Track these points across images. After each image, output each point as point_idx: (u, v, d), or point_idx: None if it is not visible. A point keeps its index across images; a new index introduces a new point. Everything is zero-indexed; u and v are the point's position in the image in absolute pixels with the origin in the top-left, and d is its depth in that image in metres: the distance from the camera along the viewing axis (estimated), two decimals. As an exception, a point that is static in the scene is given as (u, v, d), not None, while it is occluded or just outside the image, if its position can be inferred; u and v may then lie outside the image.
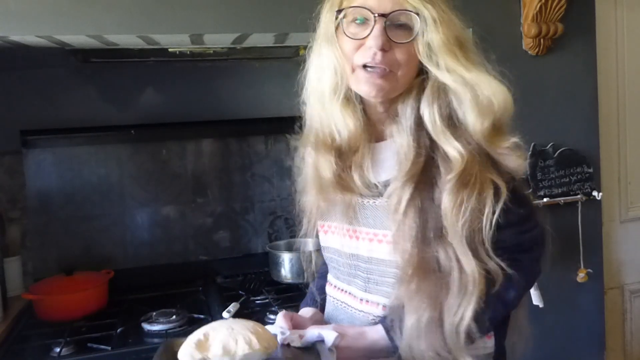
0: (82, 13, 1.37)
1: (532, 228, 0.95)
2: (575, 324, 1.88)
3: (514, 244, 0.91)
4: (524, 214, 0.93)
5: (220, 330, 0.88)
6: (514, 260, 0.90)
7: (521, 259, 0.93)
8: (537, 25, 1.71)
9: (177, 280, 1.94)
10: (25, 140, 1.83)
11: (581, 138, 1.85)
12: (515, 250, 0.91)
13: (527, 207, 0.95)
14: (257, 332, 0.87)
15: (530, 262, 0.95)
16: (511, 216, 0.88)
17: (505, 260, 0.88)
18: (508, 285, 0.90)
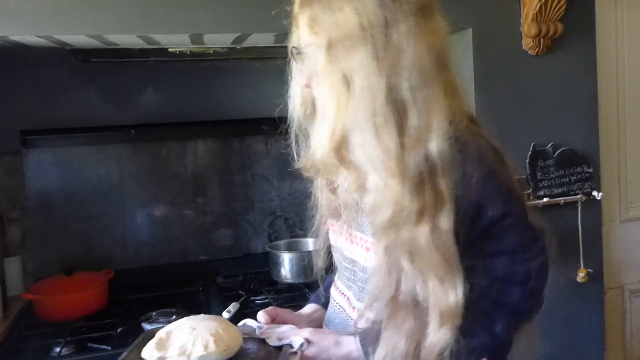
0: (82, 13, 1.37)
1: (529, 258, 0.88)
2: (575, 324, 1.88)
3: (506, 273, 0.86)
4: (520, 243, 0.87)
5: (182, 329, 0.91)
6: (503, 292, 0.86)
7: (511, 291, 0.87)
8: (537, 25, 1.71)
9: (177, 280, 1.94)
10: (25, 140, 1.83)
11: (581, 138, 1.85)
12: (506, 281, 0.87)
13: (525, 234, 0.88)
14: (218, 333, 0.89)
15: (521, 296, 0.87)
16: (505, 243, 0.85)
17: (494, 290, 0.85)
18: (495, 317, 0.86)
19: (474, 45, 1.70)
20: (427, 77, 0.80)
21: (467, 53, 1.71)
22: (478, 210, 0.82)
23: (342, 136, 0.83)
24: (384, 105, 0.79)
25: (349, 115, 0.81)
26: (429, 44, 0.81)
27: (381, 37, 0.79)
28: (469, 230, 0.81)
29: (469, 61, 1.71)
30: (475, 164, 0.80)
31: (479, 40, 1.70)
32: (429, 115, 0.79)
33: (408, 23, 0.80)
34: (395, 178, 0.79)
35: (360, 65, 0.80)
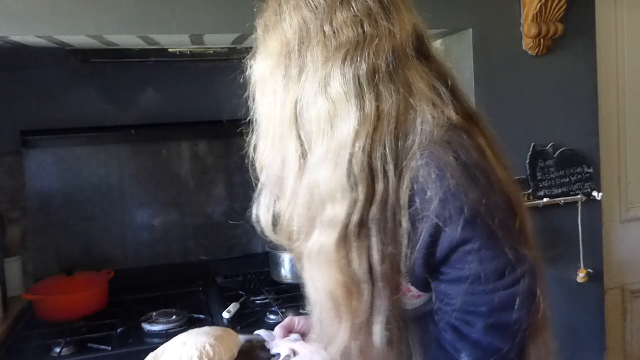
0: (82, 13, 1.37)
1: (494, 290, 0.76)
2: (575, 324, 1.88)
3: (466, 303, 0.76)
4: (483, 272, 0.75)
5: (174, 344, 0.94)
6: (465, 323, 0.77)
7: (473, 322, 0.76)
8: (537, 25, 1.71)
9: (177, 280, 1.94)
10: (25, 140, 1.83)
11: (581, 138, 1.85)
12: (467, 311, 0.77)
13: (490, 263, 0.75)
14: (204, 349, 0.92)
15: (484, 330, 0.76)
16: (465, 271, 0.75)
17: (456, 319, 0.77)
18: (459, 348, 0.77)
19: (474, 45, 1.70)
20: (340, 99, 0.75)
21: (467, 53, 1.71)
22: (437, 232, 0.74)
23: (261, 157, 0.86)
24: (290, 132, 0.79)
25: (266, 137, 0.84)
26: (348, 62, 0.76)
27: (294, 62, 0.79)
28: (431, 253, 0.75)
29: (469, 61, 1.71)
30: (435, 181, 0.73)
31: (479, 40, 1.70)
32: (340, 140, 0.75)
33: (326, 43, 0.77)
34: (287, 206, 0.81)
35: (273, 89, 0.81)
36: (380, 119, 0.75)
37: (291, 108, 0.78)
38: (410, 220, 0.74)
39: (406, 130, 0.76)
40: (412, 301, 0.82)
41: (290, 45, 0.79)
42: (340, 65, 0.76)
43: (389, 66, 0.77)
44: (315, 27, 0.78)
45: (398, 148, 0.75)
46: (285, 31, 0.80)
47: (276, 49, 0.81)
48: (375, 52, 0.76)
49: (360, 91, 0.75)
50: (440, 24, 1.65)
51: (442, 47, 1.84)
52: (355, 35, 0.76)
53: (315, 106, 0.76)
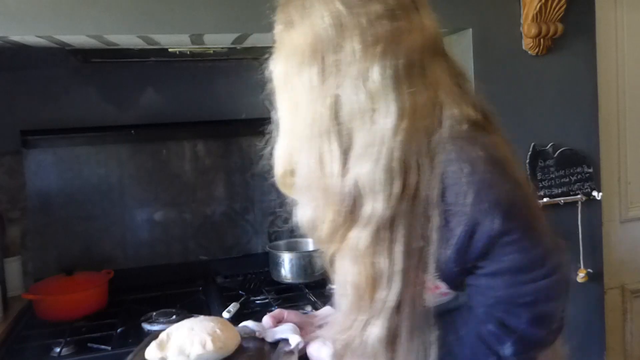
0: (82, 13, 1.37)
1: (535, 279, 0.77)
2: (575, 324, 1.88)
3: (510, 295, 0.77)
4: (524, 262, 0.76)
5: (181, 330, 0.95)
6: (510, 314, 0.78)
7: (518, 313, 0.77)
8: (537, 25, 1.71)
9: (177, 280, 1.94)
10: (25, 140, 1.83)
11: (581, 138, 1.85)
12: (511, 303, 0.78)
13: (530, 252, 0.77)
14: (215, 333, 0.92)
15: (529, 320, 0.78)
16: (506, 262, 0.76)
17: (499, 311, 0.77)
18: (503, 339, 0.78)
19: (474, 45, 1.70)
20: (379, 94, 0.75)
21: (467, 53, 1.71)
22: (474, 227, 0.74)
23: (289, 159, 0.85)
24: (328, 129, 0.78)
25: (294, 138, 0.82)
26: (387, 56, 0.76)
27: (329, 57, 0.77)
28: (467, 248, 0.75)
29: (469, 61, 1.71)
30: (468, 175, 0.73)
31: (479, 40, 1.71)
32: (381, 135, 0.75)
33: (363, 38, 0.76)
34: (331, 206, 0.79)
35: (306, 87, 0.79)
36: (416, 114, 0.75)
37: (329, 104, 0.77)
38: (443, 216, 0.74)
39: (435, 125, 0.76)
40: (439, 298, 0.83)
41: (325, 40, 0.77)
42: (379, 60, 0.75)
43: (422, 60, 0.77)
44: (351, 21, 0.77)
45: (431, 142, 0.76)
46: (317, 26, 0.78)
47: (307, 44, 0.79)
48: (410, 46, 0.77)
49: (398, 85, 0.75)
50: (440, 24, 1.65)
51: (442, 47, 1.84)
52: (392, 29, 0.76)
53: (356, 101, 0.76)
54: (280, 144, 0.87)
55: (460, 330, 0.81)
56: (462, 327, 0.81)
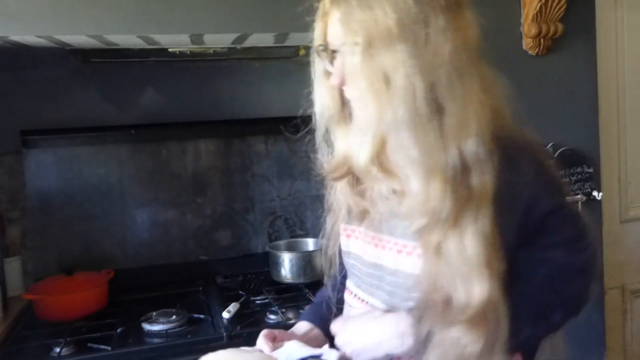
0: (82, 13, 1.37)
1: (585, 247, 0.90)
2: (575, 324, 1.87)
3: (566, 263, 0.88)
4: (576, 233, 0.89)
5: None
6: (566, 282, 0.88)
7: (573, 280, 0.89)
8: (537, 25, 1.71)
9: (177, 280, 1.94)
10: (25, 140, 1.83)
11: (581, 138, 1.85)
12: (568, 271, 0.88)
13: (578, 224, 0.90)
14: None
15: (581, 285, 0.91)
16: (563, 234, 0.87)
17: (556, 281, 0.86)
18: (555, 307, 0.87)
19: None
20: (464, 73, 0.80)
21: (467, 53, 1.71)
22: (532, 204, 0.83)
23: (383, 139, 0.84)
24: (424, 104, 0.78)
25: (389, 116, 0.80)
26: (464, 39, 0.81)
27: (420, 34, 0.79)
28: (524, 224, 0.83)
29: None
30: (526, 159, 0.83)
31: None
32: (468, 113, 0.79)
33: (445, 18, 0.80)
34: (436, 180, 0.79)
35: (399, 64, 0.78)
36: (489, 95, 0.83)
37: (427, 78, 0.78)
38: (505, 197, 0.80)
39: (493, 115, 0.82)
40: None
41: (412, 16, 0.79)
42: (462, 41, 0.81)
43: (477, 50, 0.84)
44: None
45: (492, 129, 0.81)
46: (399, 3, 0.79)
47: (393, 23, 0.78)
48: (473, 33, 0.84)
49: (476, 63, 0.83)
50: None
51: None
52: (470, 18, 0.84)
53: (448, 76, 0.79)
54: (364, 132, 0.84)
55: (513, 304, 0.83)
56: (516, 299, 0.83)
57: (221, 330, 1.50)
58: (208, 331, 1.55)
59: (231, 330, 1.50)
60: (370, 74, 0.80)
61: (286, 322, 1.54)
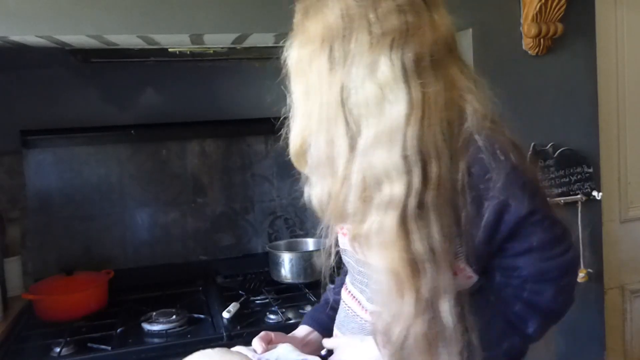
0: (82, 13, 1.37)
1: (559, 254, 0.84)
2: (575, 324, 1.88)
3: (538, 271, 0.84)
4: (549, 239, 0.83)
5: None
6: (536, 292, 0.84)
7: (544, 289, 0.84)
8: (537, 25, 1.71)
9: (177, 280, 1.94)
10: (25, 140, 1.83)
11: (581, 138, 1.85)
12: (538, 280, 0.84)
13: (553, 230, 0.84)
14: None
15: (554, 294, 0.85)
16: (534, 240, 0.82)
17: (526, 290, 0.83)
18: (528, 318, 0.84)
19: (474, 45, 1.70)
20: (389, 84, 0.78)
21: (467, 53, 1.71)
22: (504, 209, 0.79)
23: (303, 139, 0.87)
24: (337, 115, 0.81)
25: (307, 120, 0.85)
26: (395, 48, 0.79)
27: (339, 47, 0.81)
28: (494, 231, 0.80)
29: (469, 61, 1.69)
30: (497, 161, 0.79)
31: (479, 40, 1.70)
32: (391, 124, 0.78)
33: (371, 30, 0.79)
34: (340, 186, 0.81)
35: (315, 74, 0.83)
36: (428, 105, 0.78)
37: (337, 92, 0.80)
38: (473, 202, 0.78)
39: (456, 118, 0.81)
40: (464, 282, 0.85)
41: (334, 31, 0.81)
42: (387, 52, 0.78)
43: (433, 56, 0.80)
44: (360, 15, 0.80)
45: (450, 134, 0.79)
46: (328, 17, 0.82)
47: (318, 33, 0.82)
48: (419, 41, 0.80)
49: (407, 77, 0.78)
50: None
51: (442, 47, 1.84)
52: (400, 24, 0.79)
53: (364, 91, 0.79)
54: (295, 125, 0.89)
55: (485, 314, 0.83)
56: (486, 311, 0.83)
57: (221, 330, 1.50)
58: (208, 331, 1.55)
59: (231, 330, 1.50)
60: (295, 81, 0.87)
61: (286, 322, 1.54)
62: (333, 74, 0.81)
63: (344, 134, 0.80)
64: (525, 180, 0.81)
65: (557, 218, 0.85)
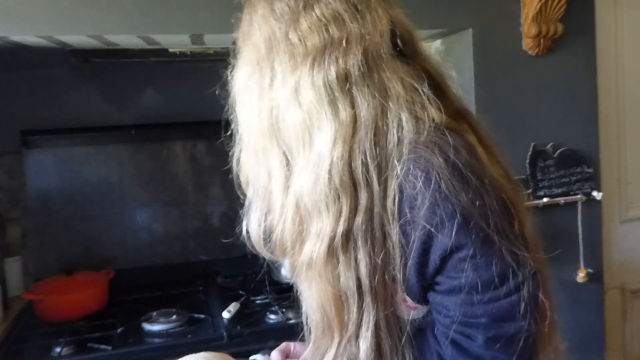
0: (82, 13, 1.37)
1: (492, 299, 0.69)
2: (575, 324, 1.88)
3: (464, 315, 0.71)
4: (479, 281, 0.69)
5: None
6: (465, 336, 0.71)
7: (474, 335, 0.70)
8: (537, 25, 1.71)
9: (177, 280, 1.94)
10: (26, 140, 1.83)
11: (581, 138, 1.85)
12: (466, 324, 0.71)
13: (486, 270, 0.69)
14: None
15: (485, 343, 0.70)
16: (460, 280, 0.69)
17: (455, 332, 0.71)
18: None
19: (474, 45, 1.70)
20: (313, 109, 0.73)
21: (467, 53, 1.71)
22: (429, 240, 0.69)
23: (246, 172, 0.87)
24: (269, 144, 0.78)
25: (245, 148, 0.85)
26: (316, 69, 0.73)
27: (266, 73, 0.77)
28: (424, 262, 0.71)
29: (469, 61, 1.71)
30: (425, 183, 0.68)
31: (479, 40, 1.70)
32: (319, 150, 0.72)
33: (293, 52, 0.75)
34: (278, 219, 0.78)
35: (247, 102, 0.81)
36: (357, 126, 0.71)
37: (268, 118, 0.76)
38: (402, 230, 0.70)
39: (386, 135, 0.72)
40: (409, 312, 0.79)
41: (261, 55, 0.78)
42: (308, 72, 0.73)
43: (361, 69, 0.73)
44: (282, 35, 0.76)
45: (379, 155, 0.71)
46: (256, 40, 0.79)
47: (249, 58, 0.80)
48: (344, 55, 0.73)
49: (332, 97, 0.72)
50: (440, 24, 1.65)
51: (442, 47, 1.84)
52: (322, 40, 0.73)
53: (290, 116, 0.74)
54: (241, 155, 0.89)
55: (423, 352, 0.76)
56: (425, 347, 0.76)
57: (221, 330, 1.50)
58: (208, 331, 1.55)
59: (231, 330, 1.50)
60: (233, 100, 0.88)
61: (286, 322, 1.54)
62: (262, 99, 0.77)
63: (279, 164, 0.77)
64: (455, 208, 0.68)
65: (500, 256, 0.69)
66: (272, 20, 0.77)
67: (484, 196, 0.70)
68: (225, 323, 1.55)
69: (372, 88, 0.73)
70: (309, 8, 0.75)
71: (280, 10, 0.77)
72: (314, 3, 0.75)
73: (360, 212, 0.71)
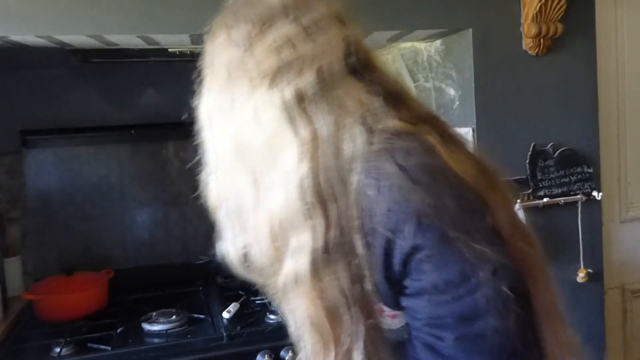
0: (82, 13, 1.37)
1: (456, 298, 0.70)
2: (575, 324, 1.88)
3: (431, 316, 0.72)
4: (442, 280, 0.70)
5: None
6: (435, 337, 0.72)
7: (443, 336, 0.71)
8: (537, 25, 1.71)
9: (177, 280, 1.94)
10: (25, 140, 1.83)
11: (581, 138, 1.85)
12: (433, 325, 0.72)
13: (447, 269, 0.70)
14: None
15: (454, 343, 0.70)
16: (423, 281, 0.70)
17: (426, 334, 0.72)
18: None
19: (474, 45, 1.70)
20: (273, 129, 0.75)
21: (467, 53, 1.71)
22: (389, 245, 0.70)
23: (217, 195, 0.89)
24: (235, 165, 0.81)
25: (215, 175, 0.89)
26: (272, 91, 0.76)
27: (226, 97, 0.80)
28: (388, 268, 0.72)
29: (469, 61, 1.71)
30: (375, 194, 0.70)
31: (479, 40, 1.70)
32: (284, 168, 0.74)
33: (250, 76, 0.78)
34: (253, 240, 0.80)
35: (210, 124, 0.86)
36: (318, 142, 0.73)
37: (232, 141, 0.80)
38: (366, 240, 0.71)
39: (343, 150, 0.74)
40: (389, 322, 0.79)
41: (221, 80, 0.81)
42: (265, 94, 0.76)
43: (315, 88, 0.75)
44: (239, 62, 0.79)
45: (341, 169, 0.73)
46: (216, 67, 0.82)
47: (211, 85, 0.83)
48: (297, 76, 0.76)
49: (291, 117, 0.75)
50: (440, 24, 1.65)
51: (442, 47, 1.84)
52: (275, 63, 0.76)
53: (252, 136, 0.77)
54: (208, 178, 0.92)
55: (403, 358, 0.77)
56: (408, 356, 0.77)
57: (221, 330, 1.50)
58: (208, 331, 1.55)
59: (231, 330, 1.50)
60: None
61: (286, 322, 1.54)
62: (224, 122, 0.81)
63: (247, 184, 0.79)
64: (408, 210, 0.69)
65: (461, 252, 0.70)
66: (230, 47, 0.80)
67: (439, 195, 0.71)
68: (225, 323, 1.55)
69: (327, 105, 0.75)
70: (262, 34, 0.78)
71: (236, 37, 0.80)
72: (267, 29, 0.78)
73: (332, 225, 0.72)
